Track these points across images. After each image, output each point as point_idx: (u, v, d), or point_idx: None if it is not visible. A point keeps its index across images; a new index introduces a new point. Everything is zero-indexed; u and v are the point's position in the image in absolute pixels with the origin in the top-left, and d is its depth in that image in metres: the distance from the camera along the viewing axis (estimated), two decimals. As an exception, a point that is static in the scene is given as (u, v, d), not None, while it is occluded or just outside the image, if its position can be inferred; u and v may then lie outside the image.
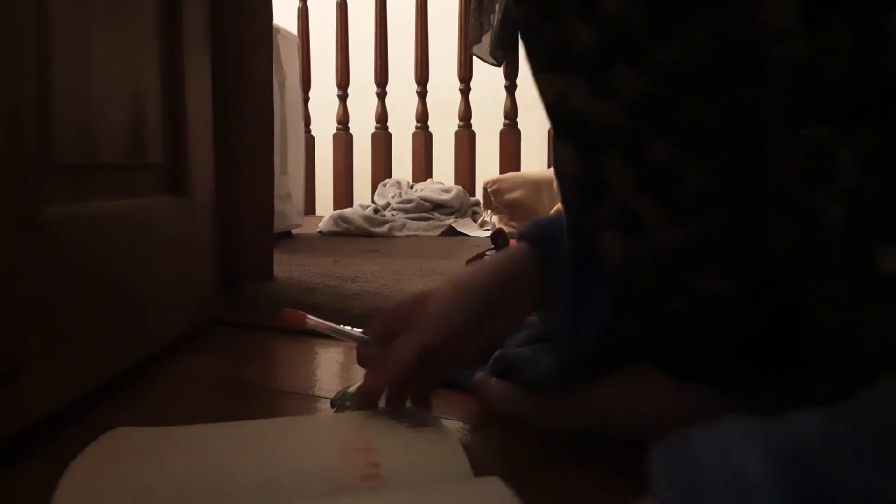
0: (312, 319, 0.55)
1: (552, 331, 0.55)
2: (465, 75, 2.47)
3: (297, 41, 2.07)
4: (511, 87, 2.40)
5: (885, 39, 0.29)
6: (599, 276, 0.45)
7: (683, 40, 0.34)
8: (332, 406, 0.58)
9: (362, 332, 0.55)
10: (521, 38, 0.41)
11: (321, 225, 2.12)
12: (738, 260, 0.37)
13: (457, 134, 2.53)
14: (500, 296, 0.53)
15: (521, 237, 0.56)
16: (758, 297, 0.38)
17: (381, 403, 0.50)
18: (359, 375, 0.58)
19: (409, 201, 2.25)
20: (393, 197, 2.35)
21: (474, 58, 2.39)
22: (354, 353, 0.57)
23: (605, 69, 0.37)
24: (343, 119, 2.65)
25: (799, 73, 0.32)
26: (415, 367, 0.49)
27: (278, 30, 1.69)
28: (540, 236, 0.55)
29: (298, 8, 2.62)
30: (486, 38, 2.33)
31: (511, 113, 2.44)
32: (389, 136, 2.63)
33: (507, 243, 1.34)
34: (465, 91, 2.48)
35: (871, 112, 0.30)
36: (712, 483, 0.25)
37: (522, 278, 0.54)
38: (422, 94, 2.54)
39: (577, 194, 0.42)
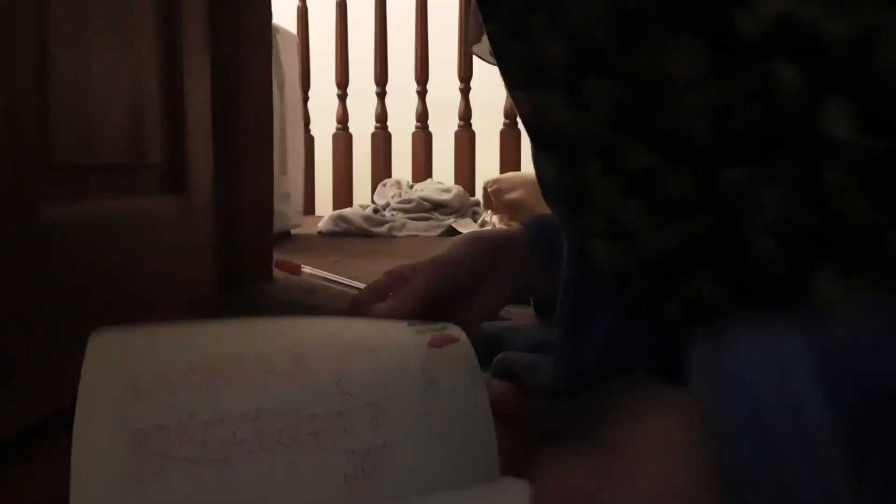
0: (308, 269, 0.56)
1: (552, 339, 0.55)
2: (465, 75, 2.47)
3: (297, 40, 2.07)
4: (511, 87, 2.40)
5: (778, 85, 0.30)
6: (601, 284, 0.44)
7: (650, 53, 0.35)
8: None
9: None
10: (494, 55, 0.41)
11: (321, 225, 2.12)
12: (728, 264, 0.37)
13: (457, 134, 2.53)
14: (484, 268, 0.54)
15: (521, 222, 0.58)
16: (749, 299, 0.37)
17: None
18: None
19: (409, 201, 2.25)
20: (393, 197, 2.35)
21: (474, 58, 2.39)
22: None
23: (578, 82, 0.37)
24: (343, 119, 2.65)
25: (714, 118, 0.33)
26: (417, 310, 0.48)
27: (278, 29, 1.69)
28: (536, 225, 0.56)
29: (298, 7, 2.62)
30: (487, 38, 2.32)
31: (511, 113, 2.44)
32: (389, 135, 2.63)
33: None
34: (465, 91, 2.48)
35: (786, 150, 0.31)
36: (761, 394, 0.24)
37: (507, 255, 0.55)
38: (422, 94, 2.54)
39: (562, 203, 0.42)
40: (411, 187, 2.43)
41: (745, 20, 0.30)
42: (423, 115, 2.55)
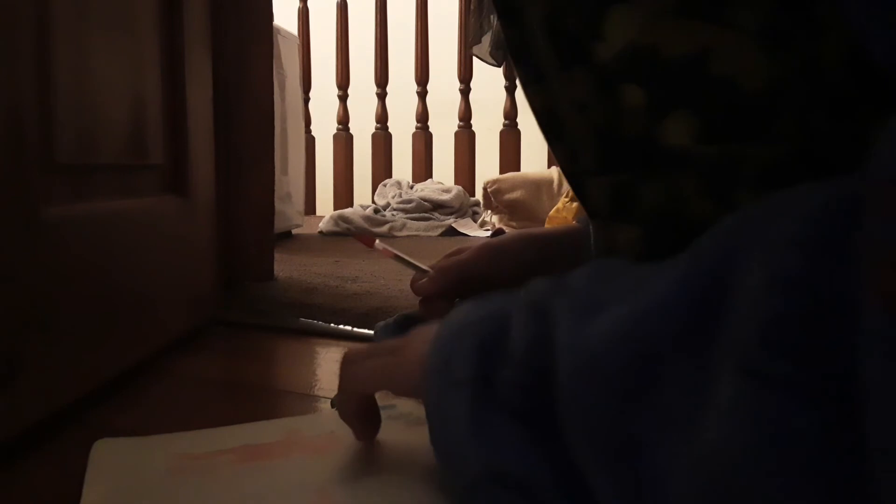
0: (381, 244, 0.63)
1: None
2: (465, 75, 2.47)
3: (298, 41, 2.07)
4: (511, 88, 2.40)
5: (625, 102, 0.35)
6: None
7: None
8: (332, 406, 0.58)
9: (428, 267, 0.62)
10: (510, 57, 0.46)
11: (321, 225, 2.12)
12: None
13: (457, 134, 2.53)
14: (536, 260, 0.58)
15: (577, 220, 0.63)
16: None
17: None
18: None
19: (410, 201, 2.25)
20: (393, 197, 2.35)
21: (474, 58, 2.39)
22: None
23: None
24: (343, 119, 2.65)
25: (597, 134, 0.39)
26: (453, 284, 0.57)
27: (278, 30, 1.69)
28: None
29: (299, 8, 2.62)
30: (486, 39, 2.32)
31: (511, 113, 2.44)
32: (390, 136, 2.63)
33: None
34: (465, 91, 2.48)
35: (661, 163, 0.36)
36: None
37: (560, 250, 0.60)
38: (422, 95, 2.54)
39: (575, 187, 0.47)
40: (411, 187, 2.43)
41: (599, 49, 0.35)
42: (423, 116, 2.55)
